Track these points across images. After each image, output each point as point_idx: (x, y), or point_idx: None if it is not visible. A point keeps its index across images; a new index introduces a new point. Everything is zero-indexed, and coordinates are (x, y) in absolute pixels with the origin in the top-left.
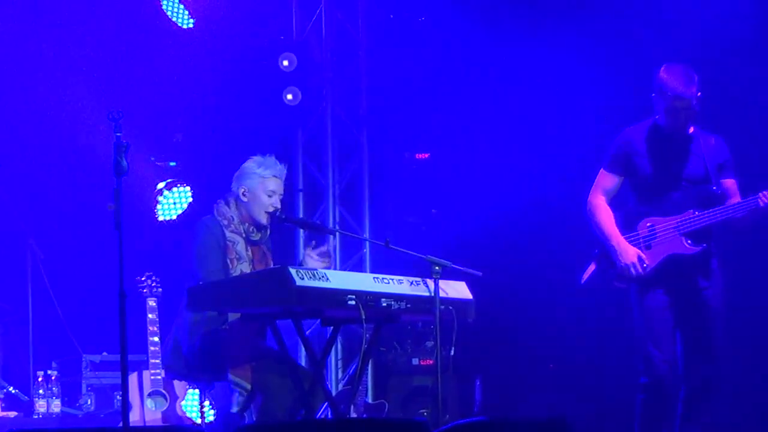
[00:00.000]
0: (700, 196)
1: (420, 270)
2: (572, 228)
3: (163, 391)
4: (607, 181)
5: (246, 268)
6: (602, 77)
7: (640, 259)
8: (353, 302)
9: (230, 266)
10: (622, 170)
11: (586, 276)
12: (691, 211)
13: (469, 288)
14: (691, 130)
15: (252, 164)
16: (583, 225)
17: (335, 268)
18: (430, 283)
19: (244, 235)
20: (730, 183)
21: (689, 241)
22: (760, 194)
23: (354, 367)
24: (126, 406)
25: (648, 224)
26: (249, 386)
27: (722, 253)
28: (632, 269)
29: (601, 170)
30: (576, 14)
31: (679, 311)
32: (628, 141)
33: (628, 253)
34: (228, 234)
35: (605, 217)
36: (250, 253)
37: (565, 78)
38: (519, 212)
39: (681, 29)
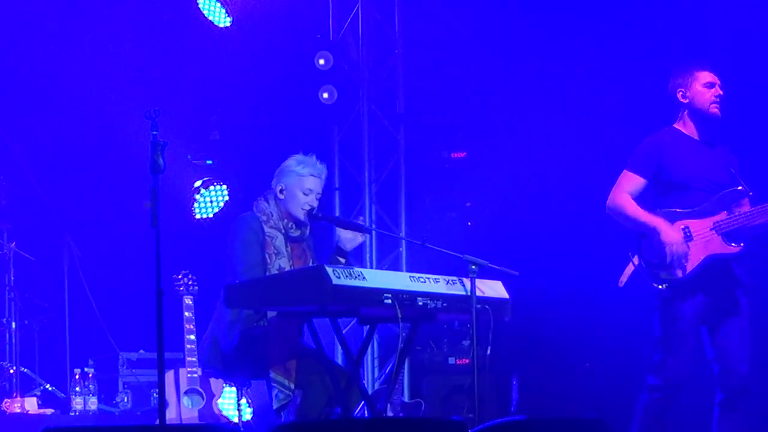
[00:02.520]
0: (731, 197)
1: (457, 269)
2: (611, 227)
3: (200, 389)
4: (632, 182)
5: (284, 263)
6: (646, 77)
7: (680, 244)
8: (389, 301)
9: (269, 261)
10: (650, 173)
11: (624, 278)
12: (725, 212)
13: (505, 287)
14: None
15: (292, 162)
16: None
17: (372, 267)
18: (467, 282)
19: (283, 231)
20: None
21: (730, 242)
22: None
23: (390, 365)
24: (163, 404)
25: (682, 226)
26: (291, 385)
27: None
28: (677, 248)
29: (626, 172)
30: (622, 12)
31: (714, 314)
32: (658, 145)
33: (674, 232)
34: (267, 229)
35: (636, 207)
36: (289, 249)
37: (606, 76)
38: (556, 211)
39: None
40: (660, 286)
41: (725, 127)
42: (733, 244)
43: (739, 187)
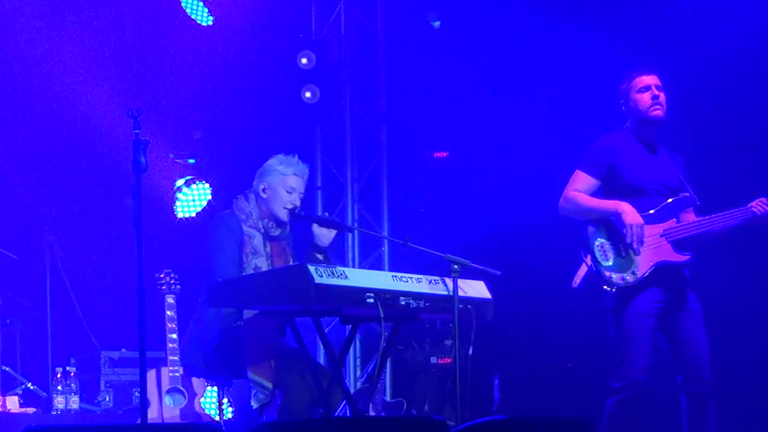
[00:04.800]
0: (681, 205)
1: (439, 269)
2: None
3: (182, 388)
4: (583, 182)
5: (262, 262)
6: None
7: (641, 227)
8: (372, 300)
9: (245, 260)
10: (602, 174)
11: (577, 279)
12: (674, 219)
13: (487, 287)
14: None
15: (274, 161)
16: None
17: (354, 266)
18: (449, 281)
19: (262, 230)
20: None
21: (678, 249)
22: (755, 203)
23: (372, 365)
24: (144, 403)
25: None
26: (270, 384)
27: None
28: (637, 229)
29: (578, 171)
30: (596, 13)
31: (669, 319)
32: (610, 146)
33: (636, 213)
34: (245, 228)
35: (590, 197)
36: (268, 248)
37: (587, 78)
38: (538, 211)
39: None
40: (611, 289)
41: (674, 134)
42: (679, 252)
43: (686, 194)
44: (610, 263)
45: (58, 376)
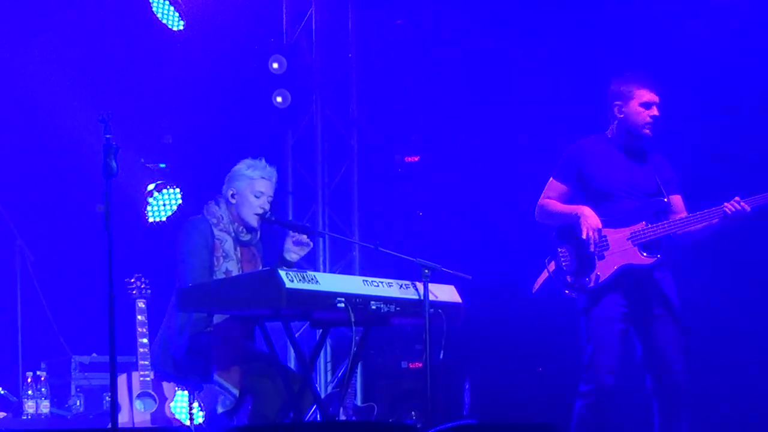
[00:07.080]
0: (653, 208)
1: (410, 273)
2: None
3: (152, 393)
4: (554, 189)
5: (233, 266)
6: (594, 82)
7: (599, 231)
8: (342, 305)
9: (216, 264)
10: (572, 181)
11: (537, 285)
12: (644, 222)
13: (458, 291)
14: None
15: (242, 166)
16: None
17: (325, 271)
18: (420, 286)
19: (233, 234)
20: (677, 199)
21: (644, 252)
22: (728, 203)
23: (343, 369)
24: (115, 408)
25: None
26: (236, 390)
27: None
28: (594, 233)
29: (551, 179)
30: (568, 15)
31: (641, 324)
32: (579, 153)
33: (594, 216)
34: (216, 232)
35: (557, 203)
36: (238, 253)
37: (557, 82)
38: (509, 215)
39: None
40: (572, 294)
41: (662, 136)
42: (645, 254)
43: (665, 199)
44: (572, 268)
45: (29, 380)
